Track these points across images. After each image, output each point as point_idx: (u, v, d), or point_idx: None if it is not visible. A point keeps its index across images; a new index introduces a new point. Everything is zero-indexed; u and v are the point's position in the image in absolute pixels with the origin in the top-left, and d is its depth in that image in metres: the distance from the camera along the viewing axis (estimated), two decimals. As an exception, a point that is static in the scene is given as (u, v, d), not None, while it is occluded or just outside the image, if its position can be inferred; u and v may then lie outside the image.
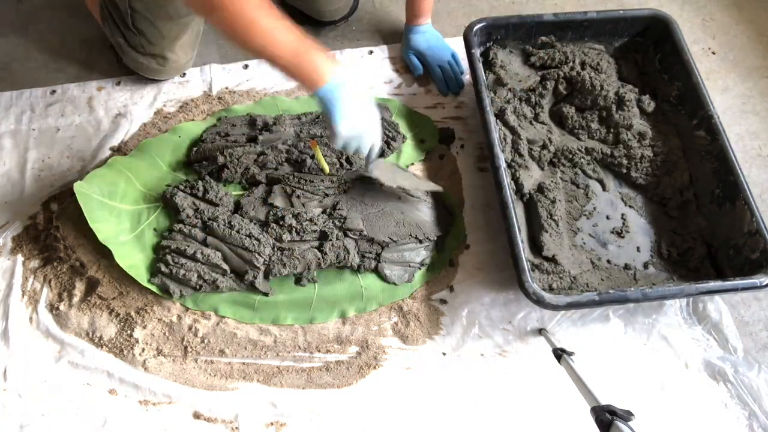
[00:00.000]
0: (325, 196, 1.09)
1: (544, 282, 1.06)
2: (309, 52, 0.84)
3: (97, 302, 1.03)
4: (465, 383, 1.04)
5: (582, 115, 1.22)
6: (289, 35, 0.83)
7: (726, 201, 1.10)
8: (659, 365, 1.08)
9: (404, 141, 1.22)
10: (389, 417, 1.00)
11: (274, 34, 0.82)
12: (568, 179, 1.19)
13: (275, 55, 0.83)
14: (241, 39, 0.82)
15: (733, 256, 1.08)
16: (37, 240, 1.10)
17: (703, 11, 1.55)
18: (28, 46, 1.37)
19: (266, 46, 0.82)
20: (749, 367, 1.06)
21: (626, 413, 0.74)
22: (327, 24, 1.42)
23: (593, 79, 1.20)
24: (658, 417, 1.02)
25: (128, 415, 0.98)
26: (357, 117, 0.89)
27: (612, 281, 1.09)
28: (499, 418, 1.01)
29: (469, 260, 1.14)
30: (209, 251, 1.02)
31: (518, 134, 1.17)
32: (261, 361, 1.03)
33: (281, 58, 0.83)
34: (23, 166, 1.19)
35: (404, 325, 1.08)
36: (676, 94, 1.22)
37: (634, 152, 1.18)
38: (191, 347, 1.02)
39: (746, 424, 1.03)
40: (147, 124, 1.24)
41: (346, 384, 1.03)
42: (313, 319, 1.05)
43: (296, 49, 0.83)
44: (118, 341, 1.02)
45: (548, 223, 1.10)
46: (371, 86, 1.33)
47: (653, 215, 1.18)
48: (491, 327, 1.09)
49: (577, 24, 1.24)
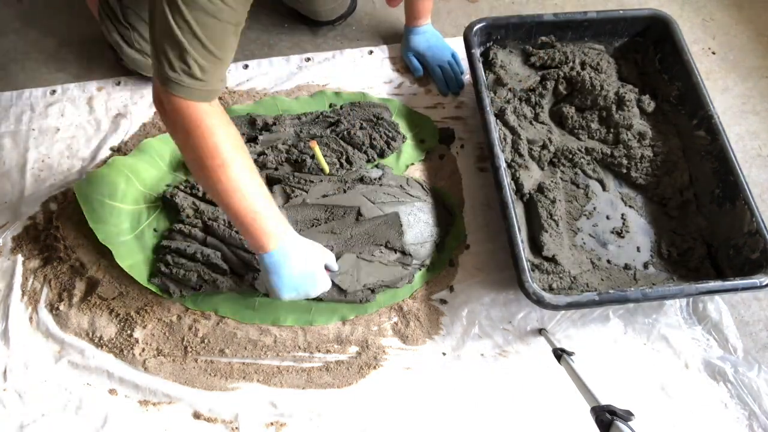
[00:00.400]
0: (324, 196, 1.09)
1: (544, 282, 1.06)
2: (263, 212, 0.82)
3: (97, 302, 1.03)
4: (465, 383, 1.04)
5: (582, 115, 1.22)
6: (254, 192, 0.81)
7: (726, 201, 1.10)
8: (659, 365, 1.08)
9: (404, 141, 1.22)
10: (389, 417, 1.00)
11: (239, 190, 0.80)
12: (568, 179, 1.19)
13: (233, 207, 0.81)
14: (207, 174, 0.79)
15: (733, 256, 1.08)
16: (37, 240, 1.10)
17: (703, 11, 1.55)
18: (28, 46, 1.36)
19: (228, 193, 0.80)
20: (749, 367, 1.06)
21: (626, 413, 0.74)
22: (324, 24, 1.42)
23: (593, 79, 1.20)
24: (658, 417, 1.02)
25: (128, 415, 0.98)
26: (298, 286, 0.87)
27: (612, 281, 1.09)
28: (499, 418, 1.01)
29: (469, 260, 1.14)
30: (209, 251, 1.02)
31: (518, 134, 1.17)
32: (261, 361, 1.03)
33: (238, 214, 0.81)
34: (23, 166, 1.19)
35: (404, 325, 1.08)
36: (676, 94, 1.22)
37: (634, 152, 1.18)
38: (191, 347, 1.02)
39: (746, 424, 1.03)
40: (147, 124, 1.24)
41: (346, 384, 1.03)
42: (312, 322, 1.05)
43: (255, 210, 0.81)
44: (118, 341, 1.02)
45: (548, 223, 1.10)
46: (371, 86, 1.33)
47: (653, 215, 1.18)
48: (491, 327, 1.09)
49: (577, 24, 1.24)
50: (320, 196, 1.08)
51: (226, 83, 0.75)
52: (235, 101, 1.27)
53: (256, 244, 0.84)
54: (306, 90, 1.31)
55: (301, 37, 1.43)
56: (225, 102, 1.27)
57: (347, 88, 1.32)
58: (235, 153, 0.79)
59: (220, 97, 1.28)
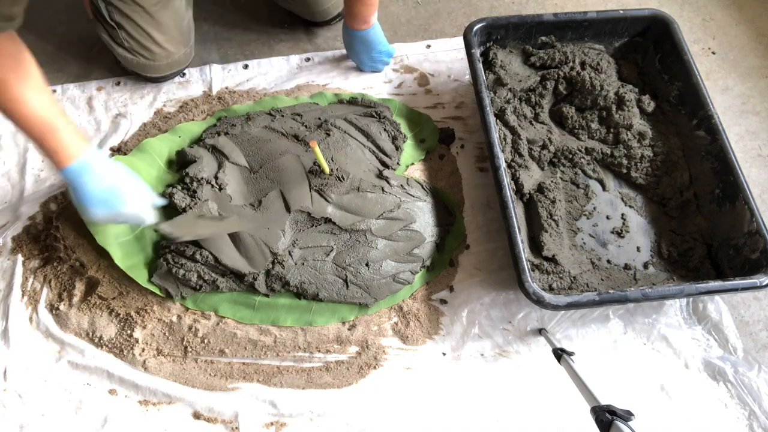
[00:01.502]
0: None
1: (544, 282, 1.06)
2: (58, 129, 0.82)
3: (97, 302, 1.03)
4: (465, 383, 1.04)
5: (582, 115, 1.22)
6: (43, 108, 0.81)
7: (726, 201, 1.10)
8: (659, 365, 1.08)
9: (405, 141, 1.22)
10: (389, 417, 1.00)
11: (25, 103, 0.80)
12: (568, 179, 1.19)
13: (22, 126, 0.81)
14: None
15: (733, 256, 1.08)
16: (37, 240, 1.10)
17: (703, 11, 1.55)
18: (27, 46, 1.36)
19: (13, 111, 0.80)
20: (749, 367, 1.06)
21: (626, 413, 0.74)
22: (320, 24, 1.42)
23: (593, 79, 1.20)
24: (658, 417, 1.02)
25: (128, 415, 0.98)
26: (107, 201, 0.87)
27: (612, 281, 1.09)
28: (499, 418, 1.01)
29: (469, 260, 1.14)
30: (207, 252, 1.02)
31: (518, 134, 1.17)
32: (261, 361, 1.03)
33: (29, 129, 0.81)
34: (23, 166, 1.19)
35: (404, 325, 1.08)
36: (676, 94, 1.22)
37: (634, 152, 1.18)
38: (191, 347, 1.02)
39: (746, 424, 1.03)
40: (147, 124, 1.24)
41: (346, 384, 1.03)
42: (312, 323, 1.05)
43: (45, 124, 0.81)
44: (118, 341, 1.02)
45: (548, 223, 1.10)
46: (371, 86, 1.33)
47: (653, 215, 1.18)
48: (491, 327, 1.09)
49: (577, 24, 1.25)
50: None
51: (17, 23, 0.77)
52: (235, 101, 1.27)
53: (52, 160, 0.84)
54: (306, 90, 1.31)
55: (300, 37, 1.43)
56: (225, 102, 1.27)
57: (347, 88, 1.32)
58: (9, 74, 0.78)
59: (221, 97, 1.28)
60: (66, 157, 0.84)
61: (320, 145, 1.09)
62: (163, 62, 1.24)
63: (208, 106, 1.27)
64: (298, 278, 1.02)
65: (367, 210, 1.08)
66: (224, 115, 1.23)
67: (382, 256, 1.05)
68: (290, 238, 1.04)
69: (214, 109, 1.26)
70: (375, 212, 1.08)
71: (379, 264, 1.04)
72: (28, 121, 0.81)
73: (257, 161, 1.10)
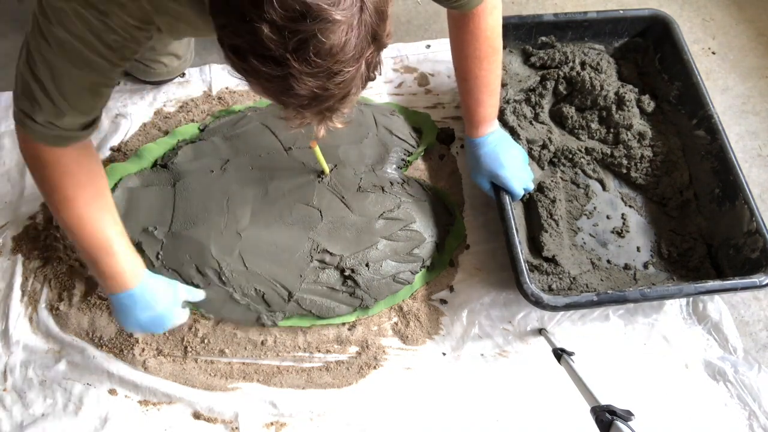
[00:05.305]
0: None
1: (543, 283, 1.06)
2: (115, 254, 0.80)
3: (97, 302, 1.03)
4: (465, 383, 1.04)
5: (582, 115, 1.22)
6: (105, 230, 0.79)
7: (726, 201, 1.10)
8: (659, 365, 1.08)
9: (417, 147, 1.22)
10: (389, 417, 1.00)
11: (89, 222, 0.78)
12: (568, 179, 1.19)
13: (79, 243, 0.80)
14: (52, 210, 0.79)
15: (733, 255, 1.08)
16: (37, 240, 1.10)
17: (703, 11, 1.55)
18: (28, 46, 1.36)
19: (74, 228, 0.78)
20: (749, 367, 1.06)
21: (626, 413, 0.74)
22: None
23: (593, 79, 1.20)
24: (658, 417, 1.02)
25: (128, 415, 0.98)
26: (148, 326, 0.87)
27: (612, 281, 1.09)
28: (499, 418, 1.01)
29: (469, 260, 1.14)
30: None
31: (518, 134, 1.17)
32: (261, 361, 1.03)
33: (85, 248, 0.80)
34: (23, 166, 1.19)
35: (404, 325, 1.08)
36: (676, 94, 1.22)
37: (634, 152, 1.18)
38: (191, 347, 1.02)
39: (746, 424, 1.03)
40: (147, 124, 1.24)
41: (346, 384, 1.03)
42: (312, 324, 1.05)
43: (103, 248, 0.80)
44: (118, 341, 1.02)
45: (548, 223, 1.10)
46: (371, 86, 1.32)
47: (653, 215, 1.18)
48: (491, 327, 1.09)
49: (577, 24, 1.24)
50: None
51: (93, 132, 0.75)
52: (235, 101, 1.27)
53: (102, 285, 0.84)
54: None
55: (301, 37, 1.43)
56: (225, 102, 1.27)
57: (347, 88, 1.32)
58: (78, 190, 0.77)
59: (221, 97, 1.28)
60: (118, 284, 0.82)
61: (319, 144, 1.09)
62: (163, 71, 1.24)
63: (208, 106, 1.27)
64: (307, 302, 1.02)
65: (367, 210, 1.08)
66: (224, 115, 1.22)
67: (382, 256, 1.05)
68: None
69: (214, 109, 1.26)
70: (375, 212, 1.08)
71: (379, 264, 1.04)
72: (86, 240, 0.79)
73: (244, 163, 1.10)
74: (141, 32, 0.68)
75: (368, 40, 0.54)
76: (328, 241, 1.04)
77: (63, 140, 0.74)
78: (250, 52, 0.52)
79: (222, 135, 1.14)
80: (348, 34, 0.51)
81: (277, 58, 0.51)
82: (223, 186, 1.07)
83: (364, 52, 0.54)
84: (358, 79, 0.56)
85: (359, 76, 0.56)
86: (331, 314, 1.02)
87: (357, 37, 0.52)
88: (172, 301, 0.90)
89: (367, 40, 0.54)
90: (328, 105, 0.57)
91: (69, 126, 0.73)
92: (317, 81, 0.53)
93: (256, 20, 0.49)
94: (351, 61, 0.53)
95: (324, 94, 0.55)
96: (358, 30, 0.52)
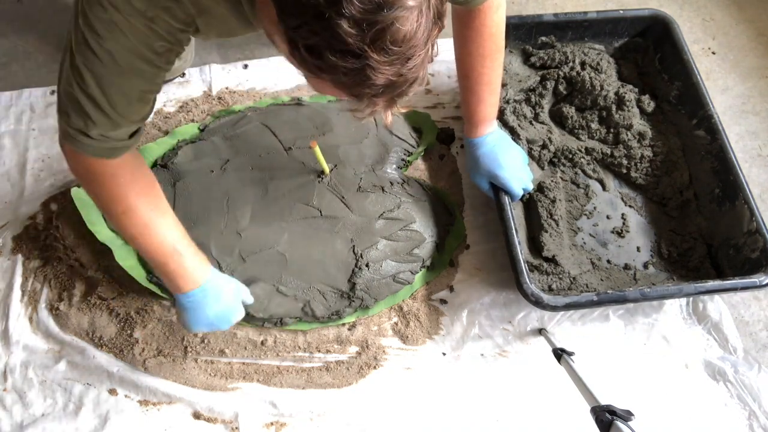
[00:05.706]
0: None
1: (543, 283, 1.06)
2: (182, 254, 0.82)
3: (97, 302, 1.03)
4: (465, 383, 1.04)
5: (582, 115, 1.22)
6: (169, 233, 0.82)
7: (726, 201, 1.10)
8: (659, 365, 1.08)
9: (417, 148, 1.22)
10: (389, 417, 1.00)
11: (154, 228, 0.80)
12: (569, 179, 1.19)
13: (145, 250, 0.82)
14: (114, 221, 0.80)
15: (733, 255, 1.08)
16: (37, 240, 1.10)
17: (703, 11, 1.55)
18: (28, 46, 1.36)
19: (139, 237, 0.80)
20: (749, 367, 1.06)
21: (626, 413, 0.74)
22: None
23: (593, 79, 1.20)
24: (658, 417, 1.02)
25: (128, 415, 0.98)
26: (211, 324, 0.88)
27: (612, 281, 1.09)
28: (499, 418, 1.01)
29: (469, 260, 1.14)
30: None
31: (518, 134, 1.17)
32: (261, 361, 1.03)
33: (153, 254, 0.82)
34: (23, 166, 1.19)
35: (404, 325, 1.08)
36: (676, 94, 1.22)
37: (634, 152, 1.18)
38: (191, 347, 1.02)
39: (746, 424, 1.03)
40: (147, 124, 1.24)
41: (346, 384, 1.03)
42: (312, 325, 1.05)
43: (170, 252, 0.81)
44: (118, 341, 1.02)
45: (548, 223, 1.10)
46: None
47: (653, 215, 1.18)
48: (491, 327, 1.09)
49: (577, 24, 1.25)
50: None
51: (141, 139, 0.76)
52: (235, 101, 1.27)
53: (171, 286, 0.85)
54: (306, 90, 1.31)
55: (301, 37, 1.43)
56: (225, 102, 1.27)
57: (347, 88, 1.32)
58: (139, 198, 0.79)
59: (221, 97, 1.28)
60: (187, 283, 0.84)
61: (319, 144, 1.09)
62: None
63: (208, 106, 1.27)
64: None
65: (367, 210, 1.08)
66: (224, 115, 1.22)
67: (382, 256, 1.05)
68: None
69: (214, 109, 1.26)
70: (375, 212, 1.08)
71: (379, 264, 1.04)
72: (154, 246, 0.81)
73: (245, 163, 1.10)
74: (184, 34, 0.69)
75: (434, 21, 0.55)
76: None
77: (117, 151, 0.75)
78: (327, 49, 0.52)
79: (222, 135, 1.14)
80: (419, 18, 0.53)
81: (355, 51, 0.52)
82: (223, 186, 1.07)
83: (432, 33, 0.56)
84: (426, 62, 0.58)
85: (427, 59, 0.58)
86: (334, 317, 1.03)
87: (426, 20, 0.54)
88: (236, 296, 0.92)
89: (434, 22, 0.55)
90: (400, 91, 0.58)
91: (122, 137, 0.74)
92: (393, 68, 0.54)
93: (335, 17, 0.50)
94: (422, 45, 0.55)
95: (398, 80, 0.56)
96: (427, 13, 0.53)
